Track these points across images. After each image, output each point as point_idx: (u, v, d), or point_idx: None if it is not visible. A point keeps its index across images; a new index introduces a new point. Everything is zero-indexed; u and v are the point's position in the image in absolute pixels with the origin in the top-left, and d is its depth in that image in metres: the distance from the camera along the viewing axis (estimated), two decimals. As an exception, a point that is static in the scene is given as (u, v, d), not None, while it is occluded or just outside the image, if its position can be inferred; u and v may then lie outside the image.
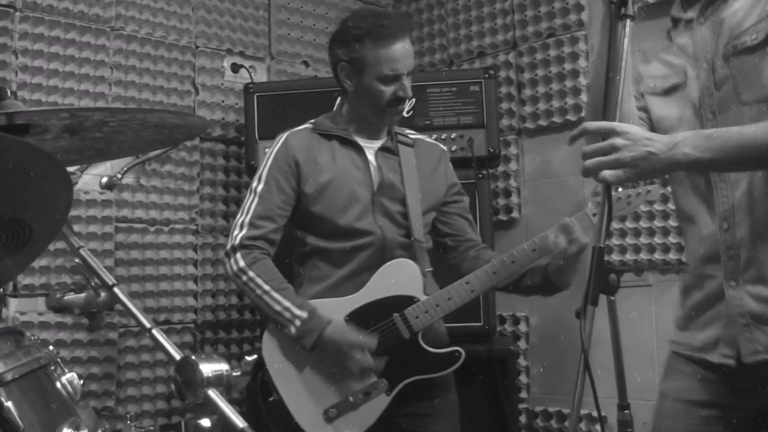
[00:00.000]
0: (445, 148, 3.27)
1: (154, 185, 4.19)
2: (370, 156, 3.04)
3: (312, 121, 3.12)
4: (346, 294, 2.91)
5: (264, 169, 2.99)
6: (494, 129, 4.04)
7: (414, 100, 3.84)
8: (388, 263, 2.92)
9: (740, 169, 2.04)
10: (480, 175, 3.94)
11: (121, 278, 3.94)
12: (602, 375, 1.70)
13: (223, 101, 4.49)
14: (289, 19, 4.73)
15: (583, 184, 4.31)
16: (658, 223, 3.99)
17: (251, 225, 2.92)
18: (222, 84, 4.52)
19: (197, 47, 4.43)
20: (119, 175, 3.52)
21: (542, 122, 4.52)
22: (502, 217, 4.58)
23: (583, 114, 4.33)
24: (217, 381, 1.60)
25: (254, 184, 2.99)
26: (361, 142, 3.04)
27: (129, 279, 4.04)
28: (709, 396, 2.16)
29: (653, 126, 2.24)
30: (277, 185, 2.95)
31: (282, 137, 3.05)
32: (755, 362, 2.06)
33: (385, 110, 2.99)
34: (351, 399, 2.82)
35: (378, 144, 3.07)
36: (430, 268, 3.01)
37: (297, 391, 2.84)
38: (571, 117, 4.39)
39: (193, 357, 1.60)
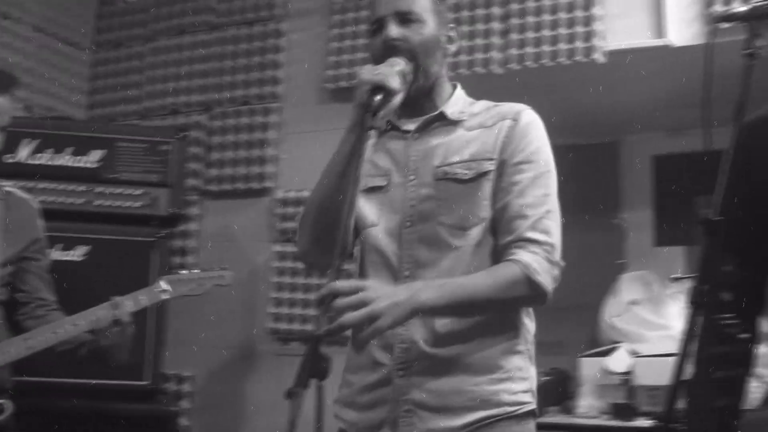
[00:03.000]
0: (36, 204, 3.32)
1: None
2: None
3: None
4: None
5: None
6: (179, 190, 4.12)
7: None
8: None
9: (465, 316, 2.21)
10: (159, 235, 3.99)
11: None
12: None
13: None
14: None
15: (259, 251, 4.47)
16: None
17: None
18: None
19: None
20: None
21: (226, 186, 4.64)
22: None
23: (270, 184, 4.53)
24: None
25: None
26: None
27: None
28: None
29: (356, 223, 2.39)
30: None
31: None
32: None
33: None
34: None
35: None
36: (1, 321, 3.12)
37: None
38: (254, 185, 4.55)
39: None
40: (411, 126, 2.38)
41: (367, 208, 2.38)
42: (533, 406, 2.27)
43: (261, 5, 4.75)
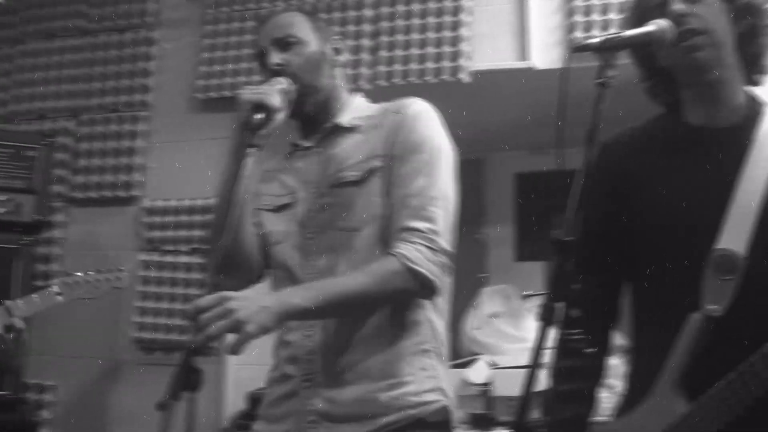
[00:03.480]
0: None
1: None
2: None
3: None
4: None
5: None
6: (44, 197, 4.06)
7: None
8: None
9: (344, 315, 2.23)
10: (23, 242, 3.92)
11: None
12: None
13: None
14: None
15: (124, 260, 4.43)
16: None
17: None
18: None
19: None
20: None
21: (93, 194, 4.58)
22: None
23: (137, 193, 4.51)
24: None
25: None
26: None
27: None
28: None
29: (264, 240, 2.42)
30: None
31: None
32: None
33: None
34: None
35: None
36: None
37: None
38: (121, 193, 4.52)
39: None
40: (309, 143, 2.44)
41: (273, 226, 2.43)
42: (443, 403, 2.27)
43: (133, 13, 4.72)
